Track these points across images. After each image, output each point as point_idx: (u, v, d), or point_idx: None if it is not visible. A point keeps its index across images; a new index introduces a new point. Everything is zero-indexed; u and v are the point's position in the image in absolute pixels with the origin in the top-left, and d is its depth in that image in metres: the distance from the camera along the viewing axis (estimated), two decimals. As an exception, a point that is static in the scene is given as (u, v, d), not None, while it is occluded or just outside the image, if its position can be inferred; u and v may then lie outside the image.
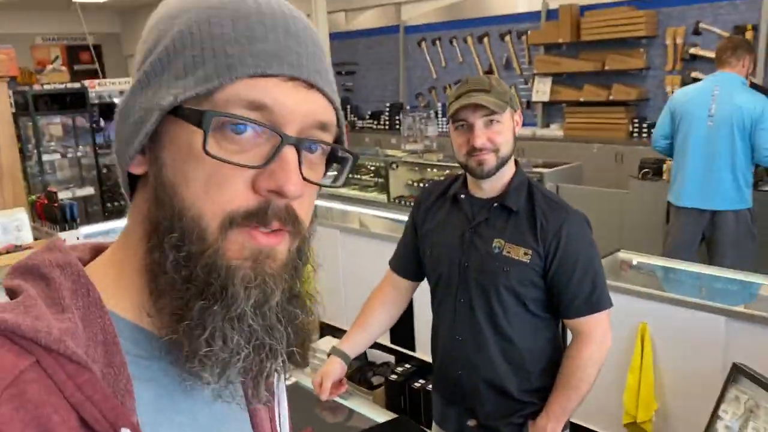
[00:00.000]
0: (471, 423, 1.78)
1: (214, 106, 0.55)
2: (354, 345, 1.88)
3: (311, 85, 0.58)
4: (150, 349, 0.59)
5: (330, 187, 0.63)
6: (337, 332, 4.17)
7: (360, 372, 3.71)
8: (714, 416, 1.42)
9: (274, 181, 0.56)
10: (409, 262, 1.91)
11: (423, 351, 3.68)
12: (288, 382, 2.02)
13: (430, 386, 3.54)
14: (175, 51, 0.57)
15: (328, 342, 4.08)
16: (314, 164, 0.61)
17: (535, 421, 1.72)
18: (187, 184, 0.56)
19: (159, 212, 0.57)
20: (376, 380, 3.68)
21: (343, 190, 6.34)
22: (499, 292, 1.66)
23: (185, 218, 0.56)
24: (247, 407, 0.67)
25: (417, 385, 3.55)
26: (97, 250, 0.65)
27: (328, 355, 1.87)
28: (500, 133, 1.63)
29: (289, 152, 0.57)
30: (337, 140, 0.64)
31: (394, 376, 3.62)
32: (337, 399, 1.84)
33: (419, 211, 1.86)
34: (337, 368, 1.83)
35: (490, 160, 1.63)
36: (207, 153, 0.54)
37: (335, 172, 0.66)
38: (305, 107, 0.58)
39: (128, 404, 0.53)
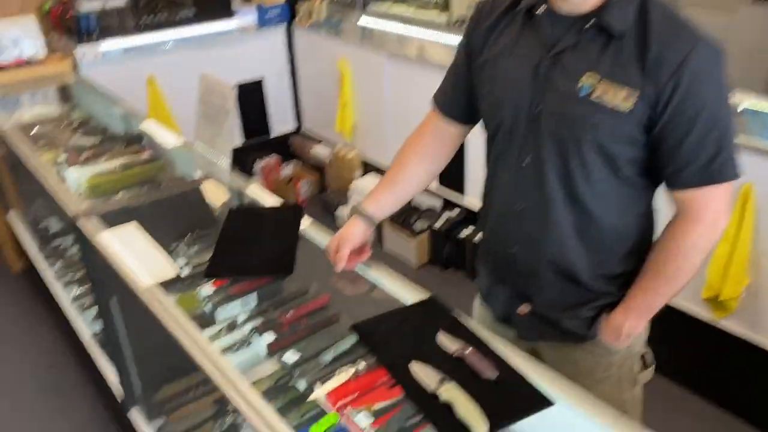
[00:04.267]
0: (523, 309, 1.41)
1: None
2: (381, 205, 1.49)
3: None
4: None
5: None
6: (382, 172, 3.81)
7: (402, 216, 3.39)
8: None
9: None
10: (459, 100, 1.45)
11: (473, 197, 3.30)
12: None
13: (478, 237, 3.22)
14: None
15: (371, 181, 3.74)
16: None
17: (609, 316, 1.34)
18: None
19: None
20: (419, 226, 3.37)
21: (396, 9, 5.64)
22: (582, 150, 1.21)
23: None
24: None
25: (463, 234, 3.22)
26: None
27: (349, 215, 1.49)
28: None
29: None
30: None
31: (439, 223, 3.29)
32: (357, 269, 1.49)
33: (476, 32, 1.36)
34: (357, 232, 1.46)
35: None
36: None
37: None
38: None
39: None
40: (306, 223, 1.73)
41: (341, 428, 1.19)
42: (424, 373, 1.17)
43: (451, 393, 1.12)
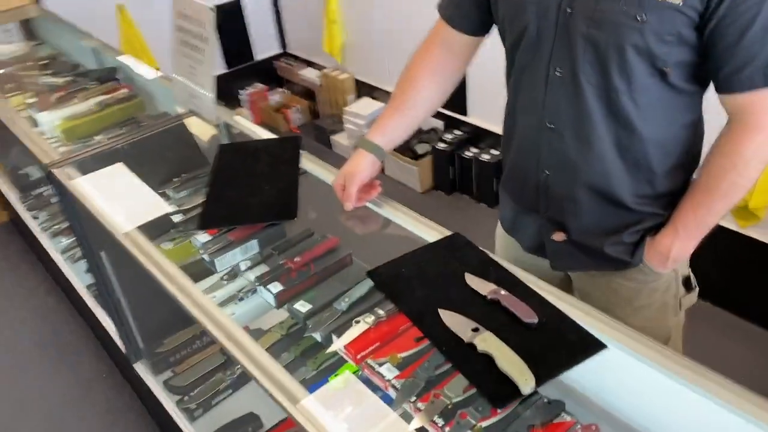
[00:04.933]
0: (557, 238, 1.28)
1: None
2: (390, 135, 1.33)
3: None
4: None
5: None
6: (376, 92, 3.59)
7: (402, 139, 3.23)
8: None
9: None
10: (469, 9, 1.26)
11: (477, 115, 3.11)
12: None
13: (485, 156, 3.07)
14: None
15: (366, 105, 3.54)
16: None
17: (654, 239, 1.20)
18: None
19: None
20: (421, 148, 3.20)
21: None
22: (625, 56, 1.03)
23: None
24: None
25: (469, 154, 3.06)
26: None
27: (355, 147, 1.32)
28: None
29: None
30: None
31: (442, 145, 3.13)
32: (369, 205, 1.34)
33: None
34: (365, 167, 1.30)
35: None
36: None
37: None
38: None
39: None
40: (305, 156, 1.57)
41: (363, 378, 1.08)
42: (455, 322, 1.04)
43: (489, 343, 0.99)
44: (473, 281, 1.11)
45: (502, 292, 1.07)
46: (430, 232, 1.27)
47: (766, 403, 0.89)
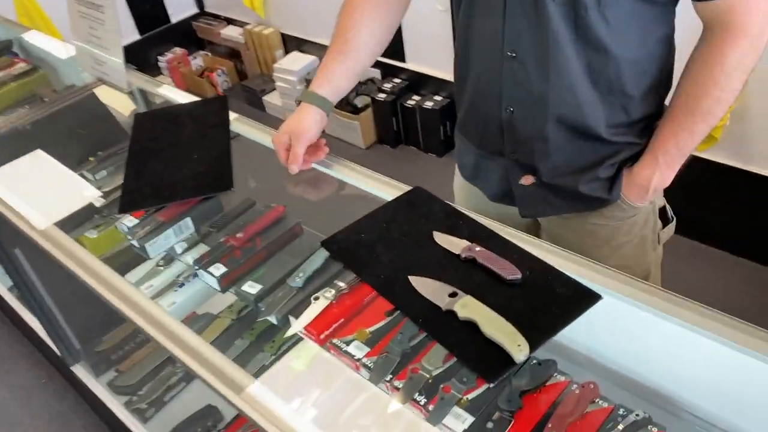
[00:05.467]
0: (526, 181, 1.15)
1: None
2: (336, 83, 1.17)
3: None
4: None
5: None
6: (306, 44, 3.38)
7: (339, 93, 3.05)
8: None
9: None
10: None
11: (415, 60, 2.96)
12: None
13: (428, 103, 2.93)
14: None
15: (296, 59, 3.32)
16: None
17: (632, 169, 1.10)
18: None
19: None
20: (360, 101, 3.03)
21: None
22: (592, -35, 0.90)
23: None
24: None
25: (411, 102, 2.91)
26: None
27: (298, 102, 1.16)
28: None
29: None
30: None
31: (382, 95, 2.97)
32: (315, 166, 1.19)
33: None
34: (311, 122, 1.14)
35: None
36: None
37: None
38: None
39: None
40: (235, 118, 1.40)
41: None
42: (429, 289, 0.92)
43: (470, 308, 0.87)
44: (443, 239, 0.98)
45: (477, 248, 0.95)
46: (387, 190, 1.13)
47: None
